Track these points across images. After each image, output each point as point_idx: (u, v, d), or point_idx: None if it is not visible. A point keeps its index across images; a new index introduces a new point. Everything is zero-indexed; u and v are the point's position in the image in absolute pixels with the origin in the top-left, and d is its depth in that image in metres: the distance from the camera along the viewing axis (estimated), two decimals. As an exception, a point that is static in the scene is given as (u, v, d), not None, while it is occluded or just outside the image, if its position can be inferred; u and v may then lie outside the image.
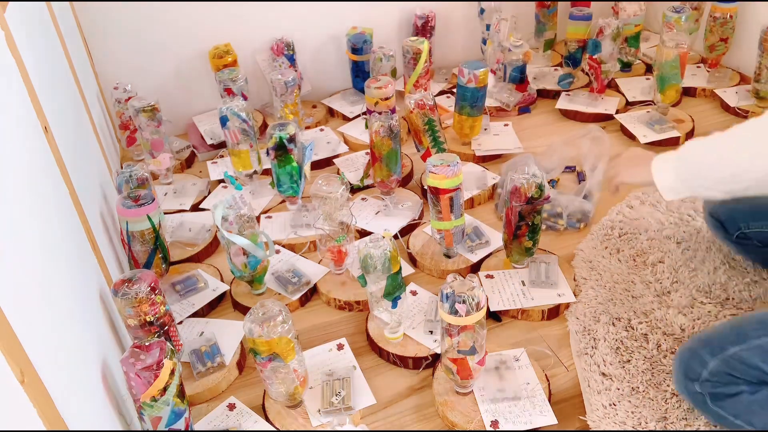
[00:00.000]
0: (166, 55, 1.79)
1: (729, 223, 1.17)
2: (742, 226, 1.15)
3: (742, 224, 1.15)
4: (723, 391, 0.86)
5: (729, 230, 1.18)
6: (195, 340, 1.12)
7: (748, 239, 1.16)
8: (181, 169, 1.69)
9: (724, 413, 0.87)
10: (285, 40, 1.81)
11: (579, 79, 1.94)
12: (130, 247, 1.17)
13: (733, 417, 0.87)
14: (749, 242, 1.16)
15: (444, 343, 0.94)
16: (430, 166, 1.16)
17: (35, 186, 0.79)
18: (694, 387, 0.89)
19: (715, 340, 0.89)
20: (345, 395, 0.99)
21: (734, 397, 0.86)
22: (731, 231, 1.17)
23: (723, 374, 0.86)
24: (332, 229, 1.18)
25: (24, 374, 0.55)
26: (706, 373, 0.87)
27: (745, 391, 0.85)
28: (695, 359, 0.89)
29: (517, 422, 0.94)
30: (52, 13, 1.31)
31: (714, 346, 0.88)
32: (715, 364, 0.87)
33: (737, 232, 1.16)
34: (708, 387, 0.87)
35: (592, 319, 1.12)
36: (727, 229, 1.18)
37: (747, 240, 1.16)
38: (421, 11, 1.93)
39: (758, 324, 0.86)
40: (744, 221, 1.15)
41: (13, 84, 0.83)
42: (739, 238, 1.16)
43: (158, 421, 0.83)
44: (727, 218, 1.18)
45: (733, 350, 0.86)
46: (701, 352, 0.89)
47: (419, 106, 1.42)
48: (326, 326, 1.18)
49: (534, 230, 1.16)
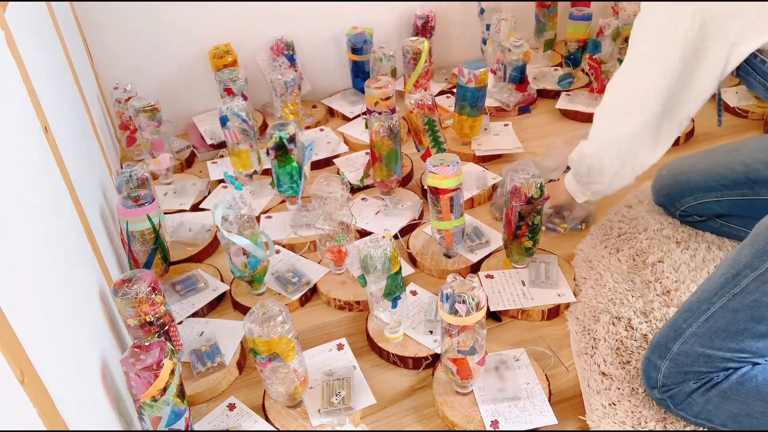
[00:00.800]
0: (166, 55, 1.79)
1: (669, 206, 1.31)
2: (678, 205, 1.28)
3: (677, 204, 1.28)
4: (678, 393, 0.89)
5: (672, 212, 1.31)
6: (195, 340, 1.12)
7: (689, 216, 1.28)
8: (181, 169, 1.69)
9: (685, 414, 0.90)
10: (285, 40, 1.81)
11: (579, 79, 1.94)
12: (130, 247, 1.17)
13: (694, 417, 0.89)
14: (691, 218, 1.29)
15: (444, 343, 0.94)
16: (430, 166, 1.16)
17: (35, 186, 0.79)
18: (655, 394, 0.92)
19: (660, 343, 0.92)
20: (345, 395, 0.99)
21: (690, 397, 0.88)
22: (673, 212, 1.30)
23: (675, 374, 0.88)
24: (332, 229, 1.18)
25: (24, 374, 0.55)
26: (661, 377, 0.90)
27: (695, 389, 0.88)
28: (650, 366, 0.93)
29: (517, 422, 0.94)
30: (52, 13, 1.31)
31: (661, 348, 0.91)
32: (666, 366, 0.89)
33: (678, 212, 1.29)
34: (665, 391, 0.90)
35: (592, 319, 1.12)
36: (671, 211, 1.31)
37: (689, 216, 1.29)
38: (421, 11, 1.93)
39: (687, 312, 0.89)
40: (678, 200, 1.28)
41: (13, 84, 0.83)
42: (682, 216, 1.30)
43: (158, 421, 0.84)
44: (667, 203, 1.31)
45: (676, 347, 0.89)
46: (652, 358, 0.92)
47: (419, 106, 1.42)
48: (326, 326, 1.19)
49: (534, 230, 1.16)
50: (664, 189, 1.32)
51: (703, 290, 0.90)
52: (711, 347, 0.87)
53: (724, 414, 0.87)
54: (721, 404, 0.87)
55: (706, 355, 0.87)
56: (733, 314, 0.85)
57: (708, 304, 0.88)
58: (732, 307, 0.85)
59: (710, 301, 0.88)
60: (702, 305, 0.89)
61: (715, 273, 0.90)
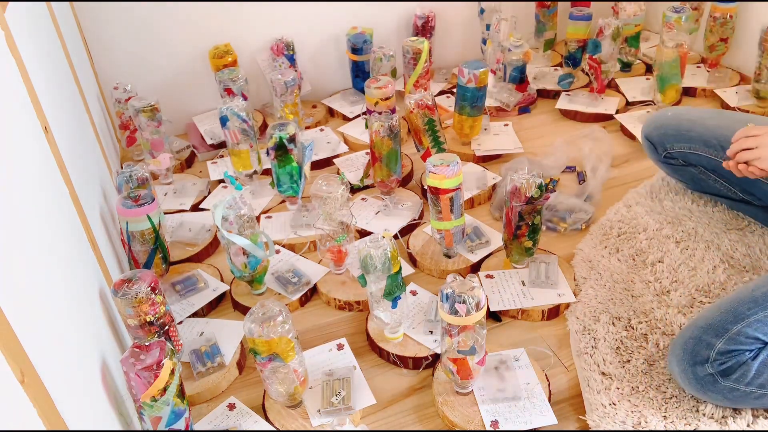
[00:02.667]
0: (166, 55, 1.79)
1: (659, 144, 1.37)
2: (668, 146, 1.35)
3: (668, 145, 1.35)
4: (731, 365, 0.92)
5: (658, 150, 1.38)
6: (195, 340, 1.12)
7: (673, 158, 1.36)
8: (181, 169, 1.69)
9: (735, 385, 0.92)
10: (285, 40, 1.81)
11: (579, 79, 1.94)
12: (130, 247, 1.17)
13: (745, 386, 0.92)
14: (674, 161, 1.36)
15: (444, 343, 0.94)
16: (430, 166, 1.16)
17: (35, 186, 0.79)
18: (704, 369, 0.94)
19: (717, 324, 0.95)
20: (345, 395, 0.99)
21: (742, 366, 0.92)
22: (660, 151, 1.37)
23: (728, 351, 0.92)
24: (332, 229, 1.18)
25: (24, 374, 0.55)
26: (714, 353, 0.93)
27: (748, 357, 0.92)
28: (700, 344, 0.94)
29: (517, 422, 0.94)
30: (52, 13, 1.31)
31: (717, 328, 0.94)
32: (722, 343, 0.93)
33: (664, 152, 1.36)
34: (716, 366, 0.93)
35: (592, 319, 1.12)
36: (657, 149, 1.38)
37: (673, 159, 1.36)
38: (421, 11, 1.93)
39: (750, 303, 0.95)
40: (670, 142, 1.35)
41: (13, 84, 0.83)
42: (666, 158, 1.37)
43: (158, 421, 0.84)
44: (658, 141, 1.37)
45: (736, 329, 0.93)
46: (705, 337, 0.95)
47: (419, 106, 1.42)
48: (326, 326, 1.19)
49: (534, 230, 1.16)
50: (663, 128, 1.36)
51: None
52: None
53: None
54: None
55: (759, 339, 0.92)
56: None
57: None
58: None
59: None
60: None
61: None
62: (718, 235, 1.28)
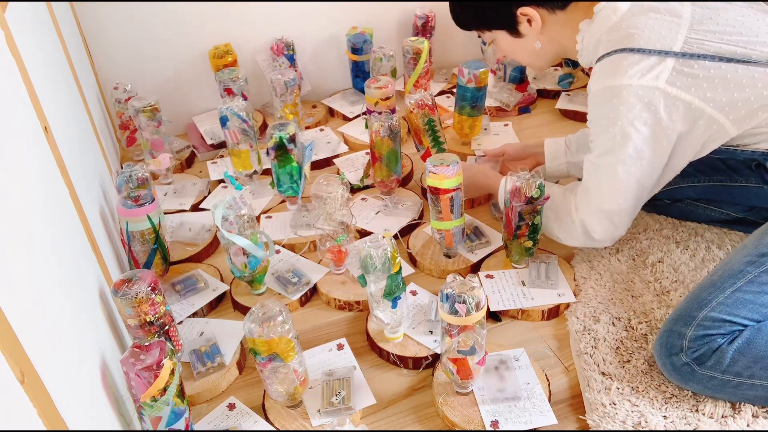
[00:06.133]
0: (166, 55, 1.79)
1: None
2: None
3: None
4: (704, 351, 0.94)
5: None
6: (195, 340, 1.12)
7: (658, 200, 1.30)
8: (181, 169, 1.69)
9: (712, 373, 0.94)
10: (285, 40, 1.81)
11: (579, 79, 1.94)
12: (130, 247, 1.17)
13: (721, 374, 0.93)
14: (660, 202, 1.33)
15: (444, 343, 0.94)
16: (430, 166, 1.16)
17: (35, 186, 0.79)
18: (680, 359, 0.96)
19: (684, 313, 0.98)
20: (345, 395, 0.99)
21: (716, 353, 0.93)
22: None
23: (700, 337, 0.94)
24: (332, 229, 1.18)
25: (24, 374, 0.55)
26: (686, 342, 0.95)
27: (721, 343, 0.93)
28: (673, 336, 0.97)
29: (517, 422, 0.94)
30: (52, 13, 1.31)
31: (685, 317, 0.97)
32: (692, 331, 0.95)
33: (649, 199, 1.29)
34: (690, 354, 0.95)
35: (592, 319, 1.12)
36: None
37: (658, 201, 1.31)
38: (421, 11, 1.93)
39: (710, 288, 0.98)
40: None
41: (13, 84, 0.83)
42: (651, 200, 1.24)
43: (158, 421, 0.84)
44: None
45: (702, 314, 0.95)
46: (676, 328, 0.97)
47: (419, 106, 1.42)
48: (326, 326, 1.19)
49: (534, 230, 1.16)
50: None
51: (726, 269, 0.98)
52: (737, 316, 0.94)
53: (750, 360, 0.92)
54: (747, 351, 0.92)
55: (728, 321, 0.94)
56: (759, 287, 0.94)
57: (734, 280, 0.96)
58: (760, 281, 0.94)
59: (735, 277, 0.96)
60: (726, 281, 0.96)
61: (736, 255, 0.99)
62: (719, 236, 1.28)
